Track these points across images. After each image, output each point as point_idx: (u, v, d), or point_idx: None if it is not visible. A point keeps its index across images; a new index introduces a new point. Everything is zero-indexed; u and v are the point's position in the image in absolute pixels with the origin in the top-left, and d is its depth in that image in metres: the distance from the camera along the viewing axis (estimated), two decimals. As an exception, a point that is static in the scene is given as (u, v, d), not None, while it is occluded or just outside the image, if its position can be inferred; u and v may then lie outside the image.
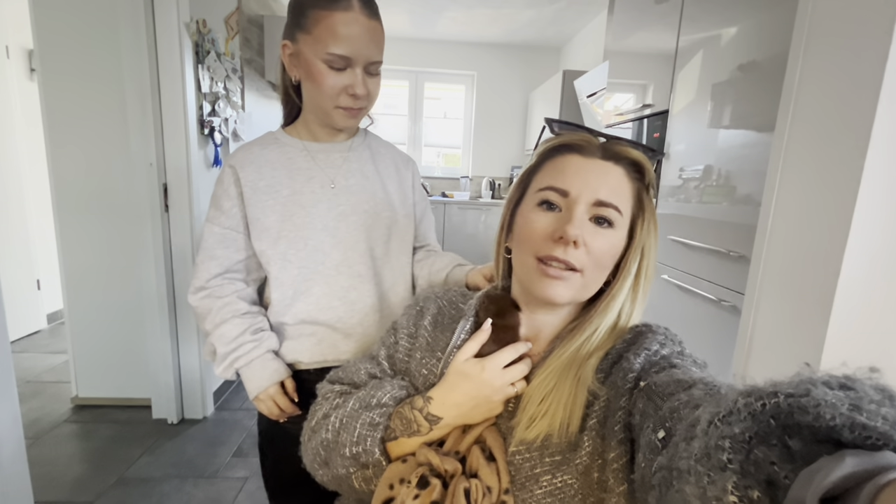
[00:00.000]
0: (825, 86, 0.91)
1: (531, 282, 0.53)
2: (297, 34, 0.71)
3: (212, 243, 0.78)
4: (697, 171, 1.45)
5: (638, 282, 0.53)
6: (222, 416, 2.04)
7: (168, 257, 1.86)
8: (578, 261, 0.50)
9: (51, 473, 1.61)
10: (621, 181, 0.52)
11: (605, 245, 0.51)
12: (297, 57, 0.73)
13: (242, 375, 0.77)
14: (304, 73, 0.73)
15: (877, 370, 0.26)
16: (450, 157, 4.77)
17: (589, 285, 0.52)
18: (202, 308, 0.78)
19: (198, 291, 0.79)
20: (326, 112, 0.75)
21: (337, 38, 0.68)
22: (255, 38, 2.44)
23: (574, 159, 0.52)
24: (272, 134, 0.82)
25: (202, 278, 0.78)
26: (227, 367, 0.77)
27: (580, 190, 0.50)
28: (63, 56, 1.79)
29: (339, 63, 0.69)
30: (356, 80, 0.71)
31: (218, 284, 0.78)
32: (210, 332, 0.78)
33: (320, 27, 0.68)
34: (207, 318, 0.78)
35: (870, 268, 0.86)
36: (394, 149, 0.91)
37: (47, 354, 2.55)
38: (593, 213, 0.50)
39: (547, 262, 0.51)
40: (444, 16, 3.69)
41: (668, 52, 1.64)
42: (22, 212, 2.68)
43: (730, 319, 1.27)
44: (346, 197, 0.80)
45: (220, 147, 2.04)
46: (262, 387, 0.76)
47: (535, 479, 0.46)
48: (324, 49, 0.68)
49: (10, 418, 1.00)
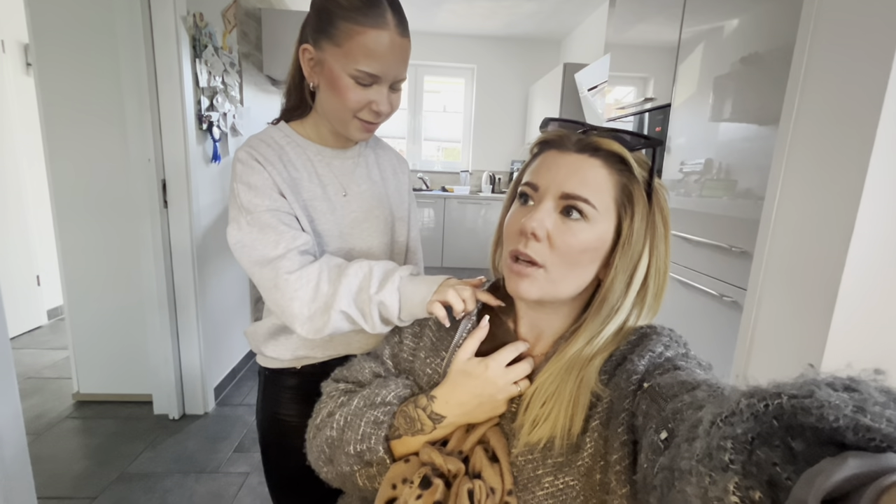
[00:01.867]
0: (831, 78, 0.90)
1: (506, 279, 0.53)
2: (323, 42, 0.67)
3: (275, 222, 0.66)
4: (698, 164, 1.44)
5: (646, 284, 0.50)
6: (223, 412, 2.05)
7: (167, 253, 1.85)
8: (539, 255, 0.48)
9: (53, 469, 1.62)
10: (598, 173, 0.48)
11: (571, 239, 0.48)
12: (320, 65, 0.69)
13: (407, 289, 0.63)
14: (326, 82, 0.69)
15: (882, 372, 0.26)
16: (449, 151, 4.75)
17: (557, 282, 0.50)
18: (307, 275, 0.64)
19: (290, 274, 0.64)
20: (344, 124, 0.73)
21: (369, 56, 0.65)
22: (253, 32, 2.42)
23: (551, 154, 0.51)
24: (280, 129, 0.77)
25: (283, 267, 0.64)
26: (393, 291, 0.63)
27: (549, 183, 0.49)
28: (59, 51, 1.78)
29: (366, 80, 0.67)
30: (381, 96, 0.70)
31: (298, 253, 0.67)
32: (336, 288, 0.64)
33: (352, 42, 0.65)
34: (322, 276, 0.64)
35: (874, 263, 0.86)
36: (390, 150, 0.91)
37: (48, 350, 2.56)
38: (562, 205, 0.49)
39: (515, 257, 0.50)
40: (444, 8, 3.66)
41: (670, 45, 1.63)
42: (21, 207, 2.67)
43: (731, 315, 1.27)
44: (357, 203, 0.79)
45: (219, 142, 2.03)
46: (441, 279, 0.64)
47: (537, 481, 0.46)
48: (353, 65, 0.66)
49: (12, 415, 1.00)
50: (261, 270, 0.66)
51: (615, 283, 0.49)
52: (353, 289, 0.65)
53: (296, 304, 0.64)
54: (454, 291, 0.60)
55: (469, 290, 0.61)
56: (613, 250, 0.50)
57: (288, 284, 0.64)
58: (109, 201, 1.88)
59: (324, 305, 0.64)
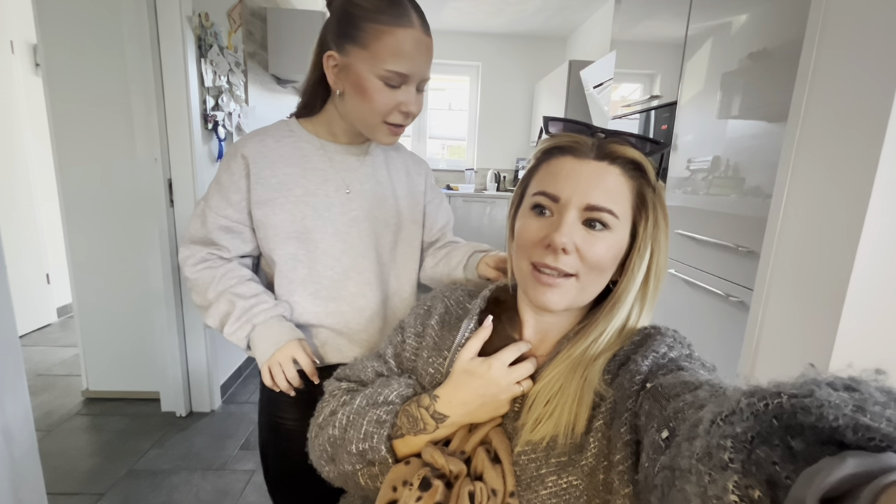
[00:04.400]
0: (840, 74, 0.89)
1: (527, 287, 0.52)
2: (349, 47, 0.67)
3: (217, 233, 0.75)
4: (706, 162, 1.43)
5: (647, 282, 0.52)
6: (230, 410, 2.07)
7: (174, 252, 1.87)
8: (571, 266, 0.49)
9: (62, 466, 1.65)
10: (617, 181, 0.49)
11: (600, 249, 0.49)
12: (345, 70, 0.69)
13: (257, 336, 0.72)
14: (353, 86, 0.69)
15: (883, 372, 0.26)
16: (454, 149, 4.75)
17: (587, 289, 0.51)
18: (204, 277, 0.74)
19: (198, 263, 0.75)
20: (372, 128, 0.72)
21: (398, 55, 0.65)
22: (259, 31, 2.43)
23: (567, 162, 0.51)
24: (286, 124, 0.79)
25: (204, 251, 0.75)
26: (243, 325, 0.72)
27: (570, 194, 0.49)
28: (67, 51, 1.80)
29: (396, 80, 0.67)
30: (410, 97, 0.70)
31: (220, 258, 0.77)
32: (216, 298, 0.73)
33: (379, 43, 0.65)
34: (211, 284, 0.74)
35: (883, 263, 0.85)
36: (405, 151, 0.90)
37: (58, 348, 2.60)
38: (585, 217, 0.49)
39: (540, 268, 0.50)
40: (449, 6, 3.65)
41: (676, 41, 1.61)
42: (30, 206, 2.71)
43: (737, 315, 1.26)
44: (358, 202, 0.79)
45: (224, 141, 2.05)
46: (281, 341, 0.71)
47: (540, 480, 0.46)
48: (382, 66, 0.66)
49: (22, 412, 1.01)
50: (183, 242, 0.78)
51: (630, 284, 0.51)
52: (219, 316, 0.74)
53: (192, 293, 0.77)
54: (279, 368, 0.71)
55: (293, 371, 0.71)
56: (628, 253, 0.51)
57: (184, 270, 0.77)
58: (117, 200, 1.90)
59: (204, 307, 0.76)
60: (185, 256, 0.76)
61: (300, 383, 0.73)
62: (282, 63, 2.50)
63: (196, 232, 0.76)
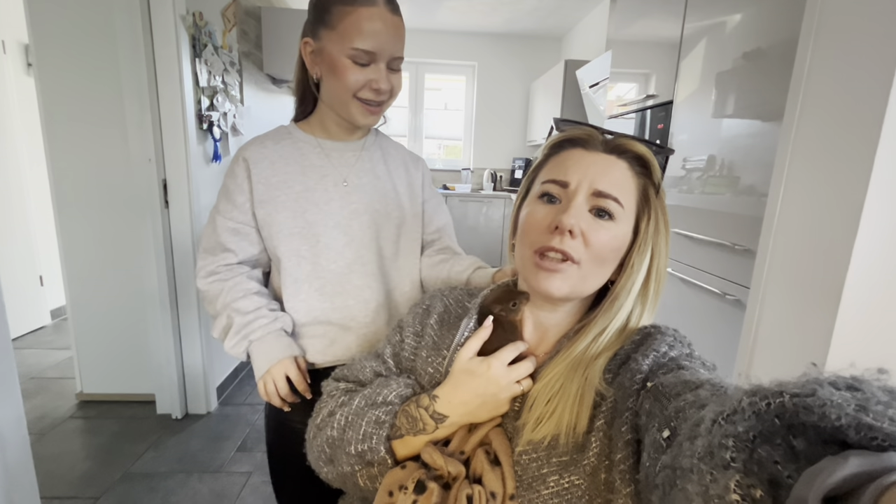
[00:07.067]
0: (835, 73, 0.89)
1: (529, 276, 0.53)
2: (321, 31, 0.71)
3: (225, 236, 0.78)
4: (701, 161, 1.44)
5: (648, 285, 0.52)
6: (226, 412, 2.06)
7: (169, 253, 1.86)
8: (575, 251, 0.49)
9: (56, 469, 1.63)
10: (624, 175, 0.51)
11: (604, 237, 0.50)
12: (319, 54, 0.73)
13: (254, 351, 0.75)
14: (327, 68, 0.73)
15: (885, 371, 0.26)
16: (451, 148, 4.75)
17: (587, 278, 0.51)
18: (213, 290, 0.78)
19: (209, 276, 0.79)
20: (346, 106, 0.75)
21: (362, 33, 0.69)
22: (253, 31, 2.42)
23: (576, 153, 0.52)
24: (285, 128, 0.82)
25: (215, 263, 0.78)
26: (241, 341, 0.75)
27: (579, 180, 0.50)
28: (59, 51, 1.78)
29: (363, 58, 0.70)
30: (380, 74, 0.72)
31: (228, 269, 0.79)
32: (220, 311, 0.77)
33: (345, 23, 0.69)
34: (219, 297, 0.77)
35: (879, 262, 0.85)
36: (403, 149, 0.92)
37: (51, 350, 2.57)
38: (593, 203, 0.50)
39: (543, 253, 0.50)
40: (444, 5, 3.65)
41: (672, 41, 1.62)
42: (23, 207, 2.68)
43: (734, 314, 1.26)
44: (358, 195, 0.81)
45: (220, 142, 2.03)
46: (275, 358, 0.74)
47: (542, 480, 0.46)
48: (349, 44, 0.69)
49: (14, 415, 1.00)
50: (199, 252, 0.82)
51: (629, 282, 0.51)
52: (221, 329, 0.78)
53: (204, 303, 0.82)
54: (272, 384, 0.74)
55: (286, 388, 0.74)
56: (629, 251, 0.52)
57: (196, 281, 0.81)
58: (111, 201, 1.89)
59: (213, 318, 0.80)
60: (199, 268, 0.80)
61: (294, 399, 0.76)
62: (277, 62, 2.49)
63: (208, 240, 0.80)
